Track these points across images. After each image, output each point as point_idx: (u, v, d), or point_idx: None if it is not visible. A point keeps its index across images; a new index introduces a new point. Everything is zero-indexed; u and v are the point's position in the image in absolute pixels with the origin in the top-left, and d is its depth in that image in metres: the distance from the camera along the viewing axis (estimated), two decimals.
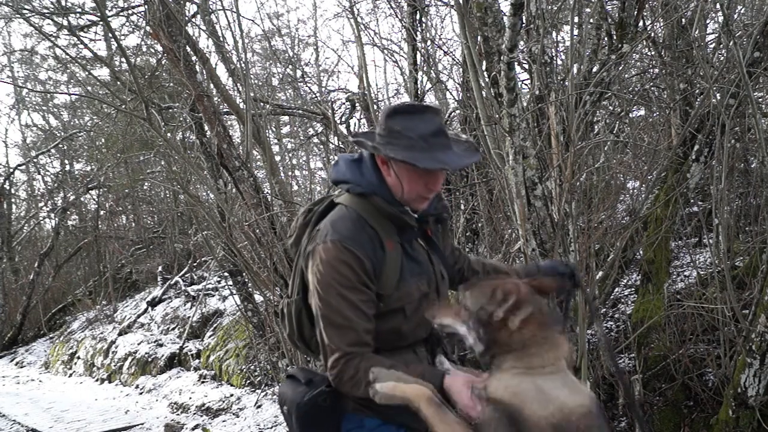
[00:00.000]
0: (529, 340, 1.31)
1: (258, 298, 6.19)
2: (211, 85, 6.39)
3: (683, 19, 4.39)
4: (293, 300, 1.76)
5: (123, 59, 6.82)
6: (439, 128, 1.61)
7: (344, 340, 1.56)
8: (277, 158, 10.37)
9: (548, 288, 1.47)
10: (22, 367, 12.29)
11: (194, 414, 6.74)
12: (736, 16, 5.14)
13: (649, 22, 4.64)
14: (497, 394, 1.31)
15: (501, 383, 1.32)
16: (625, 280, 4.93)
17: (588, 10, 4.46)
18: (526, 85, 5.35)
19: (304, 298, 1.72)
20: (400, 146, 1.58)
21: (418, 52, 6.25)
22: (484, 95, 3.31)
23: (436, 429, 1.38)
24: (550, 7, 4.59)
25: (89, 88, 11.75)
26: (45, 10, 7.12)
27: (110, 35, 7.55)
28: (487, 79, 3.26)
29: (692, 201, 4.58)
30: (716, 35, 5.08)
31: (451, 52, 6.61)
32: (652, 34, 4.61)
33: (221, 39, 7.22)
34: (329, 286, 1.57)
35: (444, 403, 1.41)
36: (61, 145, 15.30)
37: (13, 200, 16.42)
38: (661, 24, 4.54)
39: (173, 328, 9.69)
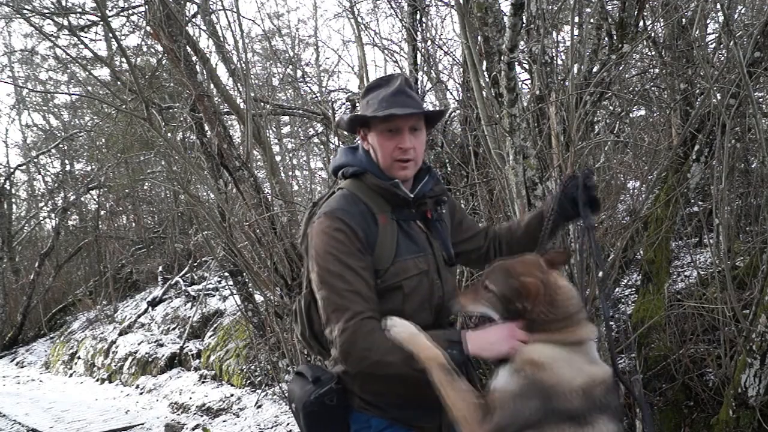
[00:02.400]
0: (555, 320, 1.42)
1: (258, 298, 6.19)
2: (212, 85, 6.39)
3: (683, 19, 4.39)
4: (302, 295, 1.75)
5: (123, 59, 6.82)
6: (399, 89, 1.67)
7: (349, 304, 1.51)
8: (278, 158, 10.38)
9: (559, 261, 1.58)
10: (22, 367, 12.30)
11: (195, 414, 6.74)
12: (736, 16, 5.13)
13: (650, 22, 4.64)
14: (534, 356, 1.38)
15: (536, 348, 1.40)
16: (625, 280, 4.93)
17: (588, 10, 4.46)
18: (526, 85, 5.35)
19: (312, 290, 1.70)
20: (363, 111, 1.69)
21: (418, 52, 6.25)
22: (485, 95, 3.31)
23: (446, 395, 1.41)
24: (550, 7, 4.58)
25: (89, 88, 11.76)
26: (45, 11, 7.13)
27: (110, 35, 7.55)
28: (487, 79, 3.26)
29: (693, 201, 4.58)
30: (716, 35, 5.08)
31: (452, 52, 6.61)
32: (653, 34, 4.60)
33: (221, 39, 7.22)
34: (326, 253, 1.56)
35: (456, 371, 1.44)
36: (61, 145, 15.32)
37: (13, 200, 16.44)
38: (662, 24, 4.54)
39: (174, 328, 9.69)
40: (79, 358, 10.97)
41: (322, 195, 1.82)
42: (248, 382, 6.94)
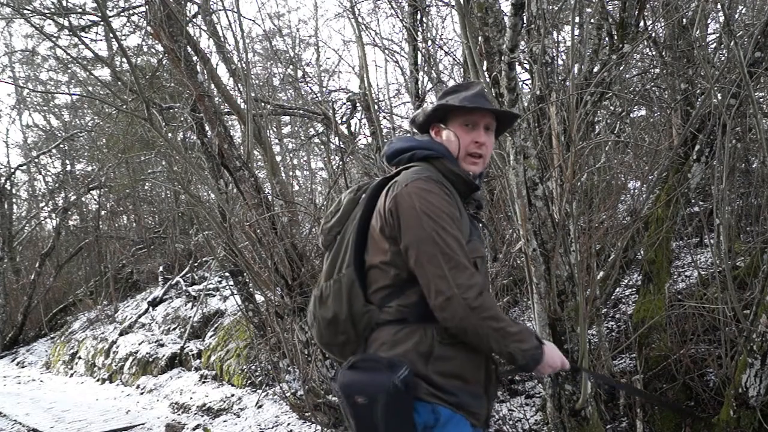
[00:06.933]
0: None
1: (259, 298, 6.20)
2: (212, 86, 6.39)
3: (684, 19, 4.39)
4: (342, 275, 1.70)
5: (124, 59, 6.82)
6: (480, 92, 1.78)
7: (465, 258, 1.58)
8: (278, 158, 10.38)
9: None
10: (23, 367, 12.31)
11: (195, 414, 6.75)
12: (737, 16, 5.13)
13: (650, 22, 4.64)
14: None
15: None
16: (626, 281, 4.93)
17: (589, 10, 4.46)
18: (527, 85, 5.36)
19: (357, 268, 1.69)
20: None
21: (419, 52, 6.26)
22: None
23: None
24: (551, 7, 4.58)
25: (90, 88, 11.78)
26: (46, 11, 7.14)
27: (111, 35, 7.55)
28: (488, 79, 3.26)
29: (693, 201, 4.58)
30: (717, 35, 5.08)
31: (452, 53, 6.62)
32: (653, 34, 4.60)
33: (222, 39, 7.23)
34: (431, 212, 1.58)
35: None
36: (62, 146, 15.33)
37: (14, 200, 16.44)
38: (662, 24, 4.54)
39: (174, 328, 9.70)
40: (79, 358, 10.98)
41: (366, 183, 1.82)
42: (249, 382, 6.94)
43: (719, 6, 4.21)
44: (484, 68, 3.32)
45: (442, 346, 1.59)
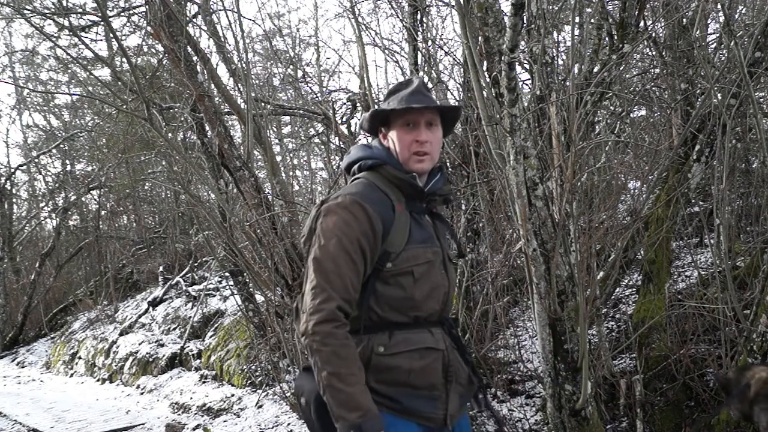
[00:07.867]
0: None
1: (259, 298, 6.20)
2: (212, 86, 6.38)
3: (684, 19, 4.39)
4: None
5: (124, 59, 6.82)
6: (416, 89, 1.77)
7: (330, 288, 1.59)
8: (278, 158, 10.38)
9: None
10: (23, 367, 12.31)
11: (195, 414, 6.74)
12: (737, 16, 5.13)
13: (650, 22, 4.64)
14: None
15: None
16: (626, 281, 4.93)
17: (589, 10, 4.46)
18: (527, 85, 5.35)
19: None
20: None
21: (419, 52, 6.25)
22: (485, 95, 3.31)
23: None
24: (551, 7, 4.58)
25: (90, 88, 11.78)
26: (46, 11, 7.14)
27: (111, 35, 7.55)
28: (488, 79, 3.26)
29: (693, 201, 4.58)
30: (717, 35, 5.08)
31: (452, 53, 6.62)
32: (653, 34, 4.61)
33: (222, 39, 7.22)
34: (331, 232, 1.63)
35: None
36: (62, 146, 15.33)
37: (14, 200, 16.44)
38: (662, 24, 4.54)
39: (174, 328, 9.70)
40: (79, 358, 10.98)
41: (330, 195, 1.86)
42: (249, 382, 6.94)
43: (719, 6, 4.21)
44: (484, 68, 3.32)
45: (381, 357, 1.64)
